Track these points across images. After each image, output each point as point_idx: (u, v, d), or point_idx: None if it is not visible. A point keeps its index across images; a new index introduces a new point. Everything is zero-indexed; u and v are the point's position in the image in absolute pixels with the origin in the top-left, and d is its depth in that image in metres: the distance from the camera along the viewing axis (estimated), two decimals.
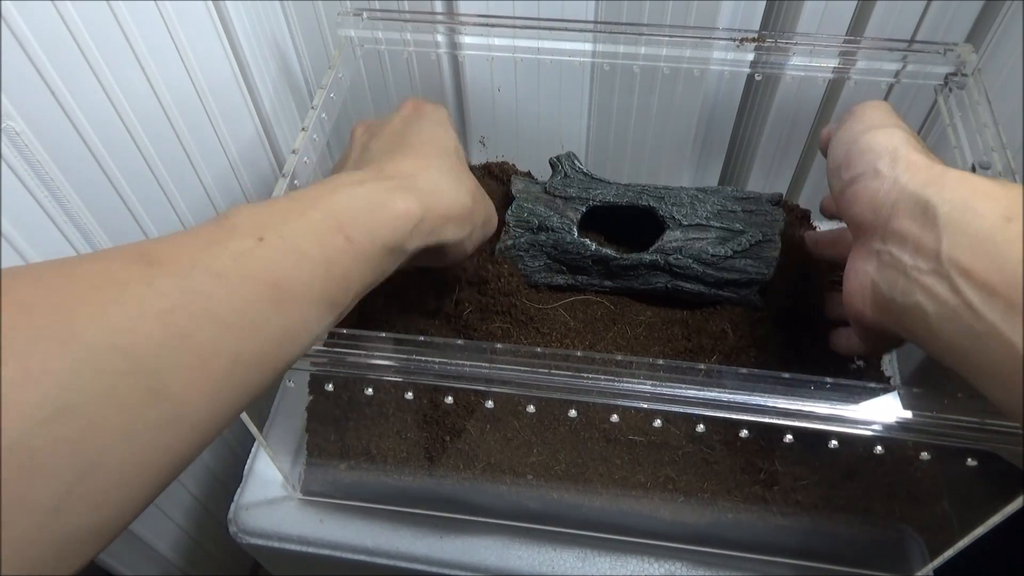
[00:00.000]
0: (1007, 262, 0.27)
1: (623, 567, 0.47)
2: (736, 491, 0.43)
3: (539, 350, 0.35)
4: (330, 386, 0.39)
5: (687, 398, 0.34)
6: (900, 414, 0.32)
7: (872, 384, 0.33)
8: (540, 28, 0.49)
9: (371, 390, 0.39)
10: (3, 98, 0.37)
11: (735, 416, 0.34)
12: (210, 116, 0.52)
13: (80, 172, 0.43)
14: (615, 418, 0.39)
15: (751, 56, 0.48)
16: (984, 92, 0.44)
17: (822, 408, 0.33)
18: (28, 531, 0.20)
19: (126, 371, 0.22)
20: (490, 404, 0.38)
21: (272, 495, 0.51)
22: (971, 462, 0.34)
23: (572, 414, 0.39)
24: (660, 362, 0.34)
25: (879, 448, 0.35)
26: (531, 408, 0.39)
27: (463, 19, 0.50)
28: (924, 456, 0.35)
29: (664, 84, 0.57)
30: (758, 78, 0.54)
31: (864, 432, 0.33)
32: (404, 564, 0.48)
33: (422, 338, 0.36)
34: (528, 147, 0.62)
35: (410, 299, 0.47)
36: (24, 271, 0.23)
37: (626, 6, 0.53)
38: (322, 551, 0.49)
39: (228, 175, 0.56)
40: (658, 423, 0.38)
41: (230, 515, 0.50)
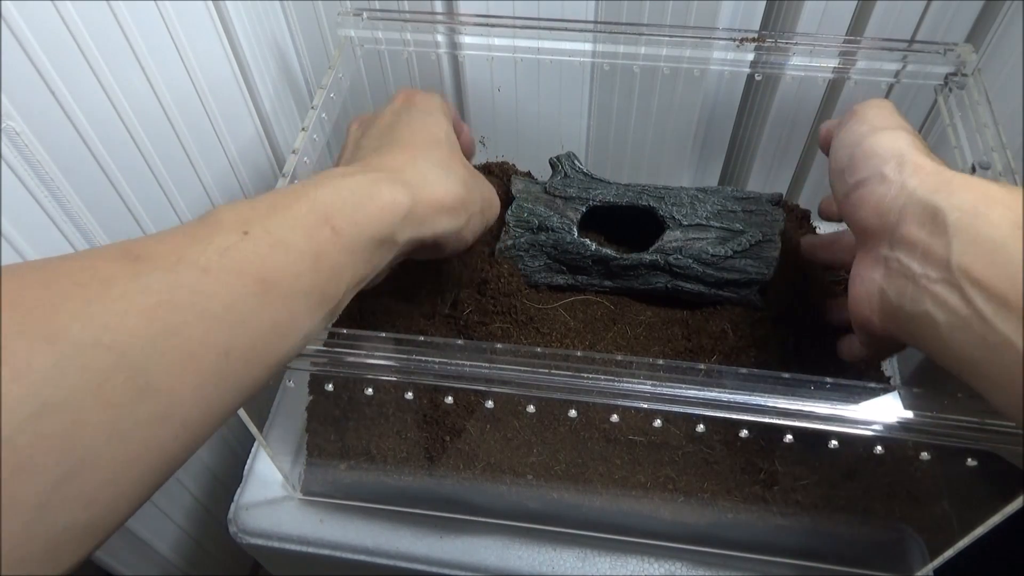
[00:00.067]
0: (1019, 272, 0.26)
1: (623, 567, 0.47)
2: (736, 491, 0.43)
3: (539, 350, 0.35)
4: (330, 386, 0.39)
5: (687, 398, 0.34)
6: (900, 414, 0.32)
7: (872, 384, 0.33)
8: (540, 28, 0.49)
9: (371, 390, 0.39)
10: (3, 98, 0.37)
11: (735, 416, 0.34)
12: (210, 116, 0.52)
13: (80, 172, 0.43)
14: (615, 418, 0.38)
15: (751, 56, 0.48)
16: (984, 92, 0.44)
17: (822, 408, 0.33)
18: (15, 530, 0.20)
19: (112, 367, 0.22)
20: (490, 404, 0.38)
21: (272, 495, 0.51)
22: (971, 462, 0.33)
23: (572, 414, 0.39)
24: (660, 362, 0.34)
25: (879, 448, 0.35)
26: (531, 408, 0.39)
27: (463, 19, 0.50)
28: (924, 456, 0.35)
29: (664, 84, 0.57)
30: (758, 78, 0.54)
31: (864, 432, 0.33)
32: (404, 564, 0.48)
33: (422, 338, 0.36)
34: (528, 147, 0.62)
35: (410, 299, 0.47)
36: (7, 270, 0.23)
37: (626, 6, 0.53)
38: (322, 551, 0.49)
39: (228, 175, 0.56)
40: (658, 423, 0.38)
41: (230, 515, 0.50)
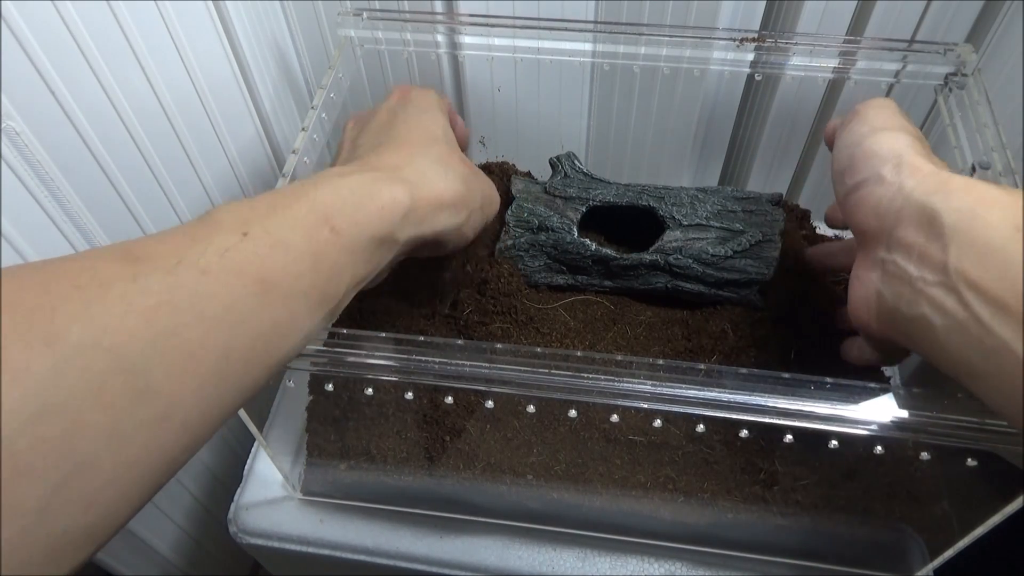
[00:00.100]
0: (1018, 276, 0.26)
1: (623, 567, 0.47)
2: (736, 491, 0.43)
3: (539, 350, 0.35)
4: (330, 386, 0.39)
5: (687, 398, 0.34)
6: (900, 414, 0.32)
7: (872, 384, 0.33)
8: (540, 28, 0.49)
9: (371, 390, 0.39)
10: (3, 98, 0.37)
11: (735, 416, 0.34)
12: (210, 116, 0.52)
13: (80, 172, 0.43)
14: (615, 418, 0.38)
15: (751, 56, 0.48)
16: (984, 92, 0.44)
17: (822, 408, 0.33)
18: (15, 533, 0.20)
19: (111, 370, 0.22)
20: (490, 404, 0.38)
21: (272, 495, 0.51)
22: (971, 462, 0.33)
23: (572, 414, 0.39)
24: (660, 362, 0.34)
25: (879, 448, 0.35)
26: (531, 408, 0.39)
27: (463, 19, 0.50)
28: (924, 456, 0.35)
29: (664, 84, 0.57)
30: (758, 78, 0.54)
31: (864, 432, 0.33)
32: (404, 564, 0.48)
33: (422, 338, 0.36)
34: (528, 147, 0.62)
35: (410, 299, 0.47)
36: (6, 272, 0.23)
37: (626, 6, 0.53)
38: (322, 551, 0.49)
39: (228, 175, 0.56)
40: (658, 423, 0.38)
41: (230, 515, 0.50)
